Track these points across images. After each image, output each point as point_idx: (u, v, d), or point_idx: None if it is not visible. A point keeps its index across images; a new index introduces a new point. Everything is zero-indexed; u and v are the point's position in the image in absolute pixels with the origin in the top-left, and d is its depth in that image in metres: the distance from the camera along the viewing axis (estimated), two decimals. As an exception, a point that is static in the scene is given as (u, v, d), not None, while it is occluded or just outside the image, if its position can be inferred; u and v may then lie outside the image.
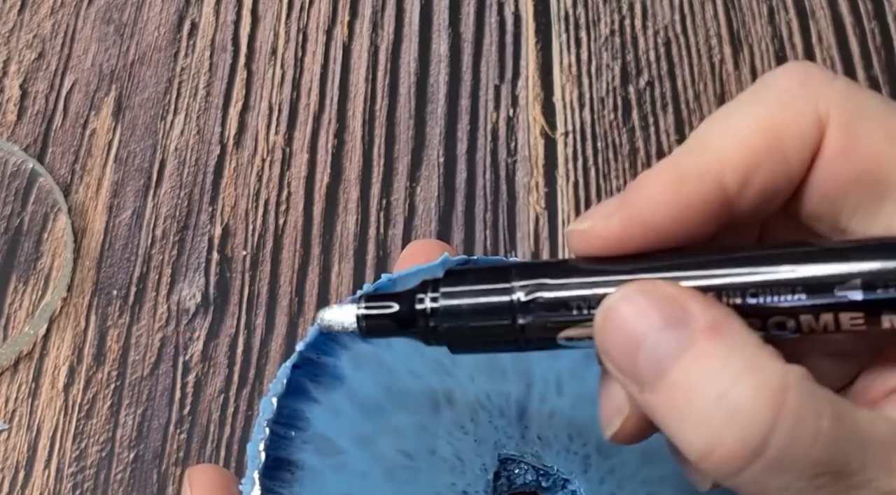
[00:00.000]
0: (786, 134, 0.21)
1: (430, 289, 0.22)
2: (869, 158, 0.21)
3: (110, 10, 0.55)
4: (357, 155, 0.50)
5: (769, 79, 0.22)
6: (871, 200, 0.21)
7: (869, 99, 0.22)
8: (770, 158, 0.21)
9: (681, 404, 0.19)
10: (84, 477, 0.42)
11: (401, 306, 0.22)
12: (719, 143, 0.22)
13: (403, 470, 0.26)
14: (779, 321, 0.20)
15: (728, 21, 0.54)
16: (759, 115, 0.22)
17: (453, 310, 0.22)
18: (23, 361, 0.45)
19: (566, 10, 0.54)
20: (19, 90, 0.52)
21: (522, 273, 0.22)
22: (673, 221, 0.21)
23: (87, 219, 0.48)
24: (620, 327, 0.20)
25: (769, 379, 0.19)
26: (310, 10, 0.55)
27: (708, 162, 0.21)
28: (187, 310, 0.46)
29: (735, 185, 0.21)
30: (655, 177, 0.22)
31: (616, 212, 0.21)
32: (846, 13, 0.54)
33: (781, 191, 0.22)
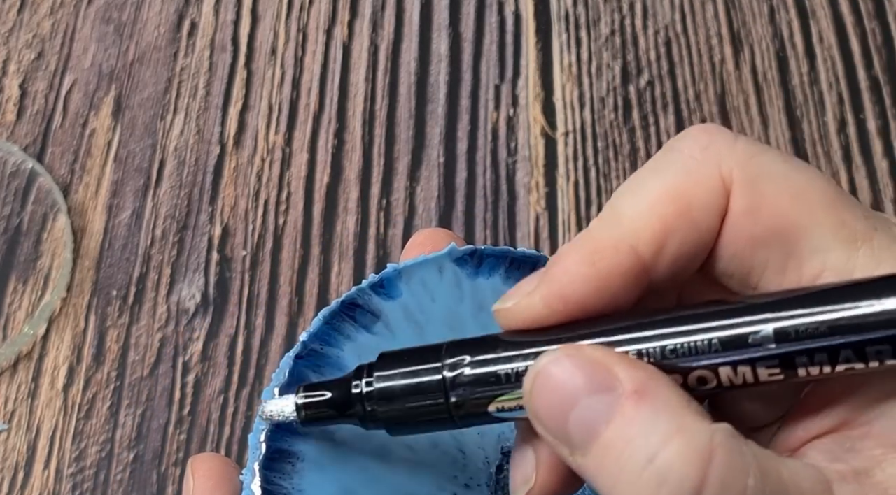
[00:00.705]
0: (693, 200, 0.22)
1: (364, 373, 0.23)
2: (773, 217, 0.22)
3: (110, 10, 0.54)
4: (357, 155, 0.50)
5: (675, 144, 0.23)
6: (779, 257, 0.22)
7: (771, 158, 0.22)
8: (681, 225, 0.22)
9: (612, 468, 0.20)
10: (83, 478, 0.42)
11: (337, 392, 0.23)
12: (631, 214, 0.22)
13: (405, 463, 0.26)
14: (700, 376, 0.21)
15: (728, 21, 0.54)
16: (667, 184, 0.22)
17: (387, 393, 0.23)
18: (22, 361, 0.45)
19: (566, 10, 0.54)
20: (19, 90, 0.52)
21: (453, 350, 0.22)
22: (592, 293, 0.22)
23: (86, 218, 0.48)
24: (550, 390, 0.21)
25: (695, 441, 0.19)
26: (310, 10, 0.55)
27: (621, 233, 0.22)
28: (187, 310, 0.46)
29: (650, 254, 0.22)
30: (572, 252, 0.22)
31: (537, 290, 0.22)
32: (847, 13, 0.54)
33: (695, 254, 0.23)
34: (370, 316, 0.26)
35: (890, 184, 0.49)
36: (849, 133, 0.50)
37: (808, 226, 0.22)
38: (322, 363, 0.26)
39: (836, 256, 0.22)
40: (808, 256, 0.22)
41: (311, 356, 0.25)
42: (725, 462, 0.19)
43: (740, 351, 0.21)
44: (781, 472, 0.20)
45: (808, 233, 0.22)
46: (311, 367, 0.25)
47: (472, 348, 0.23)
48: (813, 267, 0.22)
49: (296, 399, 0.24)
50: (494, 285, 0.28)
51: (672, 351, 0.21)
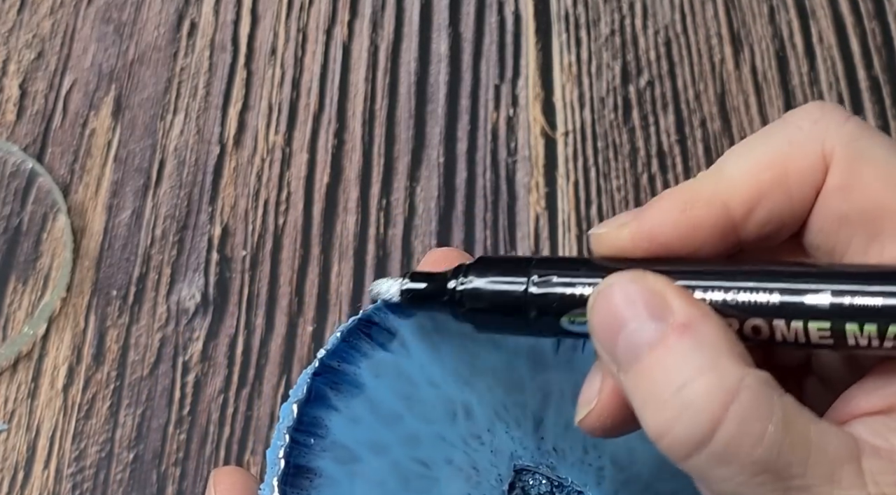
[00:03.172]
0: (791, 170, 0.23)
1: (462, 272, 0.25)
2: (864, 199, 0.23)
3: (110, 10, 0.54)
4: (357, 155, 0.50)
5: (789, 115, 0.24)
6: (863, 238, 0.23)
7: (876, 142, 0.23)
8: (775, 192, 0.23)
9: (645, 389, 0.21)
10: (83, 478, 0.42)
11: (436, 285, 0.26)
12: (732, 172, 0.24)
13: (420, 479, 0.26)
14: (755, 326, 0.22)
15: (728, 20, 0.54)
16: (771, 150, 0.23)
17: (476, 292, 0.25)
18: (22, 361, 0.45)
19: (566, 10, 0.54)
20: (18, 90, 0.52)
21: (540, 264, 0.24)
22: (678, 238, 0.24)
23: (86, 218, 0.48)
24: (608, 310, 0.22)
25: (724, 380, 0.20)
26: (309, 10, 0.55)
27: (717, 189, 0.23)
28: (187, 310, 0.46)
29: (741, 213, 0.23)
30: (669, 196, 0.24)
31: (628, 224, 0.24)
32: (847, 13, 0.54)
33: (786, 222, 0.24)
34: (386, 333, 0.27)
35: (890, 184, 0.49)
36: (849, 133, 0.50)
37: None
38: (339, 380, 0.26)
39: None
40: (889, 241, 0.23)
41: (329, 373, 0.26)
42: (748, 405, 0.20)
43: (797, 308, 0.22)
44: (810, 431, 0.21)
45: (894, 219, 0.22)
46: (328, 384, 0.26)
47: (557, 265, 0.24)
48: (893, 251, 0.22)
49: (401, 285, 0.26)
50: None
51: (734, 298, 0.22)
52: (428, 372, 0.27)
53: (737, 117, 0.51)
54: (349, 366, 0.26)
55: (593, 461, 0.28)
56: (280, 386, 0.44)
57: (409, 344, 0.27)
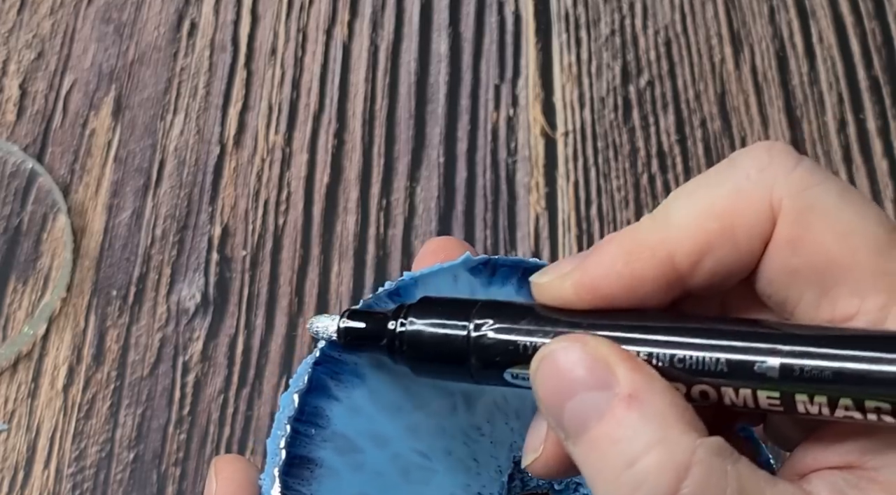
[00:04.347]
0: (738, 221, 0.22)
1: (402, 313, 0.24)
2: (814, 253, 0.22)
3: (110, 10, 0.54)
4: (357, 155, 0.50)
5: (736, 158, 0.23)
6: (815, 293, 0.22)
7: (826, 190, 0.22)
8: (722, 243, 0.22)
9: (596, 463, 0.21)
10: (83, 478, 0.42)
11: (375, 325, 0.25)
12: (677, 221, 0.23)
13: (420, 471, 0.26)
14: (703, 391, 0.21)
15: (728, 20, 0.54)
16: (718, 199, 0.23)
17: (416, 337, 0.24)
18: (22, 361, 0.45)
19: (566, 10, 0.54)
20: (19, 90, 0.52)
21: (483, 310, 0.24)
22: (622, 290, 0.23)
23: (86, 218, 0.48)
24: (553, 375, 0.22)
25: (676, 454, 0.20)
26: (310, 10, 0.55)
27: (663, 239, 0.23)
28: (187, 310, 0.46)
29: (686, 265, 0.22)
30: (612, 244, 0.23)
31: (570, 275, 0.23)
32: (847, 13, 0.54)
33: (734, 272, 0.23)
34: None
35: (890, 184, 0.49)
36: (849, 133, 0.50)
37: (849, 268, 0.22)
38: (340, 370, 0.26)
39: (871, 303, 0.21)
40: (843, 297, 0.22)
41: (329, 362, 0.26)
42: (701, 479, 0.20)
43: (745, 375, 0.21)
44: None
45: (846, 275, 0.22)
46: (328, 374, 0.26)
47: (500, 312, 0.23)
48: (846, 308, 0.22)
49: (339, 322, 0.25)
50: (508, 294, 0.28)
51: (680, 360, 0.21)
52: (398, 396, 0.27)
53: (737, 117, 0.51)
54: (350, 356, 0.26)
55: None
56: (280, 386, 0.44)
57: None
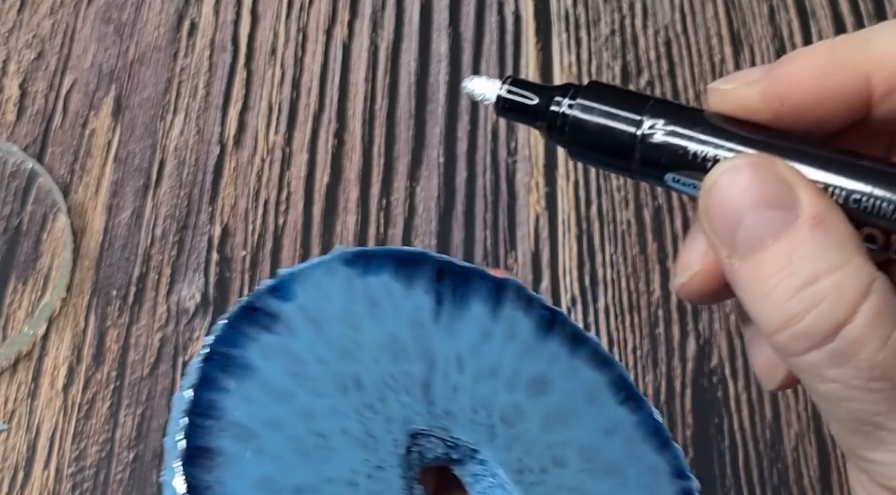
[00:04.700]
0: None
1: (569, 94, 0.24)
2: None
3: (110, 10, 0.54)
4: (357, 155, 0.50)
5: None
6: None
7: None
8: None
9: (767, 279, 0.20)
10: (83, 478, 0.42)
11: (540, 100, 0.24)
12: (881, 46, 0.22)
13: (318, 450, 0.27)
14: (870, 233, 0.21)
15: (728, 21, 0.54)
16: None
17: (582, 123, 0.23)
18: (22, 361, 0.45)
19: (566, 10, 0.54)
20: (18, 90, 0.52)
21: (656, 108, 0.23)
22: (812, 104, 0.22)
23: (86, 218, 0.48)
24: (730, 193, 0.21)
25: (857, 279, 0.20)
26: (310, 10, 0.55)
27: (863, 58, 0.22)
28: (187, 309, 0.46)
29: (881, 90, 0.22)
30: (808, 56, 0.22)
31: (759, 82, 0.22)
32: (847, 13, 0.54)
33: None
34: (269, 317, 0.28)
35: (890, 184, 0.49)
36: (849, 133, 0.50)
37: None
38: (229, 364, 0.27)
39: None
40: None
41: (218, 358, 0.27)
42: (878, 307, 0.20)
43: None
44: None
45: None
46: (218, 368, 0.26)
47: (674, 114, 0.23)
48: None
49: (499, 90, 0.24)
50: (384, 282, 0.29)
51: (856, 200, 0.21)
52: (315, 351, 0.28)
53: (737, 117, 0.51)
54: (238, 350, 0.27)
55: (484, 420, 0.29)
56: (280, 386, 0.44)
57: (293, 325, 0.28)
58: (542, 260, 0.47)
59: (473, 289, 0.30)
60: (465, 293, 0.30)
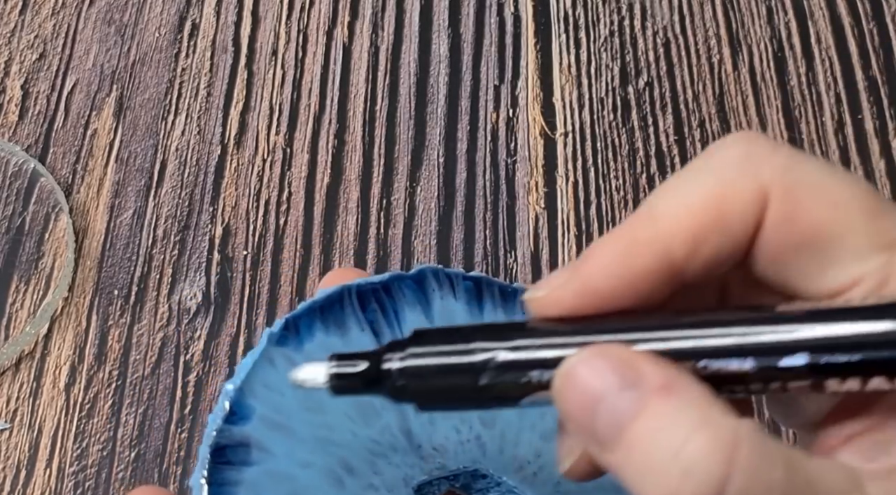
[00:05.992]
0: (729, 208, 0.22)
1: (397, 349, 0.23)
2: (810, 226, 0.22)
3: (111, 11, 0.55)
4: (357, 155, 0.50)
5: (715, 150, 0.23)
6: (817, 265, 0.22)
7: (810, 167, 0.22)
8: (715, 231, 0.22)
9: (639, 462, 0.20)
10: (85, 476, 0.42)
11: (369, 365, 0.23)
12: (668, 215, 0.23)
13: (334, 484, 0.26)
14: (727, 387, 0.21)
15: (727, 22, 0.54)
16: (705, 188, 0.23)
17: (418, 371, 0.23)
18: (24, 361, 0.45)
19: (566, 11, 0.54)
20: (21, 91, 0.52)
21: (485, 333, 0.23)
22: (624, 289, 0.22)
23: (88, 219, 0.48)
24: (579, 390, 0.21)
25: (721, 434, 0.20)
26: (310, 11, 0.55)
27: (656, 233, 0.23)
28: (188, 309, 0.46)
29: (682, 256, 0.22)
30: (606, 247, 0.23)
31: (569, 283, 0.23)
32: (845, 14, 0.54)
33: (728, 259, 0.23)
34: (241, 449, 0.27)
35: (888, 183, 0.49)
36: (846, 133, 0.50)
37: (844, 236, 0.22)
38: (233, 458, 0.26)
39: (873, 263, 0.22)
40: (845, 264, 0.22)
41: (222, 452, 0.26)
42: (751, 454, 0.19)
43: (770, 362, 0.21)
44: (809, 469, 0.20)
45: (844, 242, 0.22)
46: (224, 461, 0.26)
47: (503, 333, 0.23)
48: (850, 274, 0.22)
49: (327, 368, 0.24)
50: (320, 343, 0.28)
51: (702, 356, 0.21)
52: (296, 458, 0.27)
53: (735, 118, 0.51)
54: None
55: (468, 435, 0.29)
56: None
57: (264, 443, 0.27)
58: (542, 260, 0.47)
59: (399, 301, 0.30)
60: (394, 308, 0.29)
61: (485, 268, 0.47)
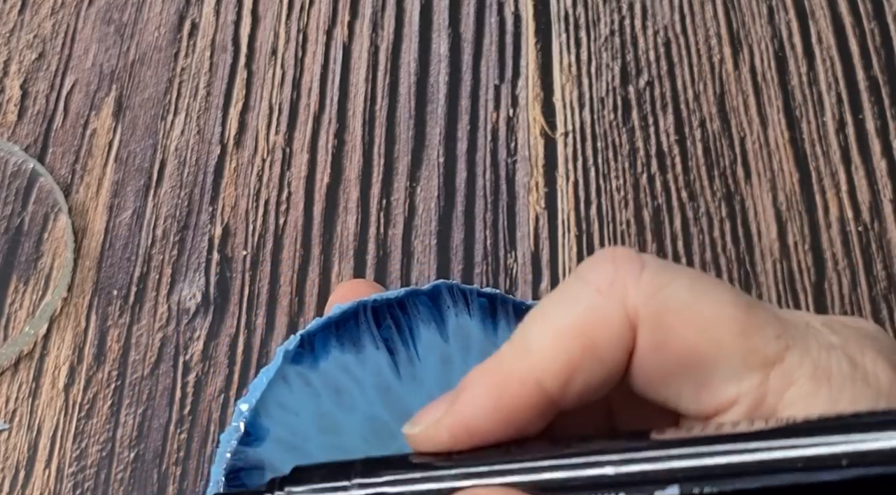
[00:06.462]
0: (599, 337, 0.22)
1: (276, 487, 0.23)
2: (681, 353, 0.22)
3: (111, 11, 0.55)
4: (357, 155, 0.50)
5: (583, 273, 0.23)
6: (692, 388, 0.22)
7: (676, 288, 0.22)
8: (587, 362, 0.22)
9: None
10: (84, 477, 0.42)
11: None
12: (538, 347, 0.23)
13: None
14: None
15: (728, 21, 0.54)
16: (573, 318, 0.22)
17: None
18: (23, 361, 0.45)
19: (566, 10, 0.54)
20: (20, 90, 0.52)
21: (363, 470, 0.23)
22: (499, 425, 0.22)
23: (87, 219, 0.48)
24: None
25: None
26: (310, 11, 0.55)
27: (528, 367, 0.22)
28: (187, 309, 0.46)
29: (556, 389, 0.22)
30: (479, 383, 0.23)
31: (443, 420, 0.23)
32: (846, 13, 0.54)
33: (604, 385, 0.23)
34: (255, 472, 0.26)
35: (889, 184, 0.49)
36: (848, 133, 0.50)
37: (717, 358, 0.22)
38: None
39: (748, 383, 0.22)
40: (720, 386, 0.22)
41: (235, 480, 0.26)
42: None
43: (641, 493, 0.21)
44: None
45: (717, 365, 0.22)
46: None
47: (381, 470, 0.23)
48: (727, 394, 0.22)
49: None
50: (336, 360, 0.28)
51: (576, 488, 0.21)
52: None
53: (736, 118, 0.51)
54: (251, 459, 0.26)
55: None
56: (280, 385, 0.44)
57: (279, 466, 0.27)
58: (542, 260, 0.47)
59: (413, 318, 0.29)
60: (409, 325, 0.29)
61: (485, 268, 0.47)
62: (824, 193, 0.48)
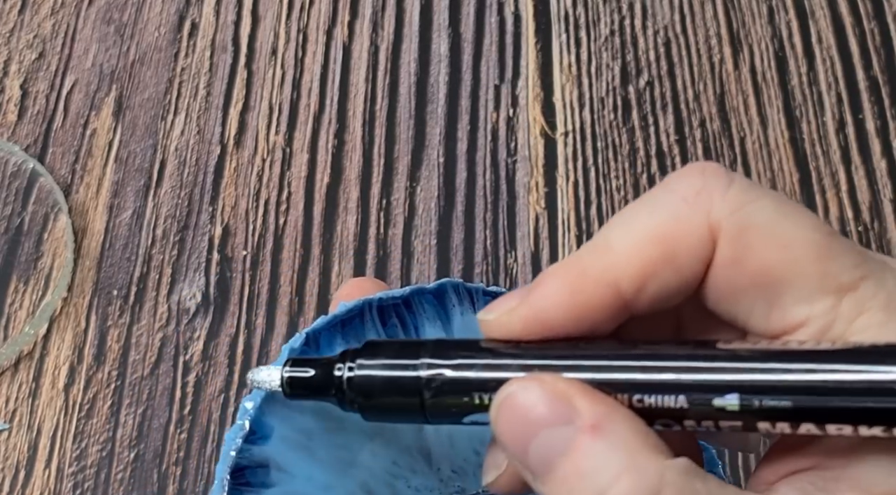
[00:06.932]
0: (679, 246, 0.23)
1: (347, 359, 0.24)
2: (757, 268, 0.22)
3: (111, 11, 0.55)
4: (357, 155, 0.50)
5: (670, 182, 0.23)
6: (763, 306, 0.22)
7: (762, 206, 0.22)
8: (664, 269, 0.23)
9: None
10: (84, 477, 0.42)
11: (320, 373, 0.24)
12: (618, 248, 0.23)
13: None
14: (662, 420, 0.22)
15: (728, 21, 0.54)
16: (656, 225, 0.23)
17: (366, 383, 0.23)
18: (23, 361, 0.45)
19: (566, 10, 0.54)
20: (20, 90, 0.52)
21: (433, 350, 0.23)
22: (570, 321, 0.23)
23: (87, 219, 0.48)
24: (514, 420, 0.22)
25: (645, 479, 0.20)
26: (310, 11, 0.55)
27: (605, 267, 0.23)
28: (187, 309, 0.46)
29: (631, 291, 0.23)
30: (556, 277, 0.23)
31: (517, 309, 0.23)
32: (846, 13, 0.54)
33: (677, 295, 0.23)
34: (260, 470, 0.26)
35: (889, 183, 0.49)
36: (847, 133, 0.50)
37: (792, 279, 0.22)
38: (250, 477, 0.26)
39: (820, 307, 0.22)
40: (791, 306, 0.22)
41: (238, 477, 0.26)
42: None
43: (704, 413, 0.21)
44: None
45: (791, 285, 0.22)
46: None
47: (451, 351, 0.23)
48: (797, 316, 0.22)
49: (282, 372, 0.24)
50: None
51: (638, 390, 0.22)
52: (317, 481, 0.27)
53: (736, 117, 0.51)
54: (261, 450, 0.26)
55: None
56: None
57: (284, 464, 0.27)
58: (542, 260, 0.47)
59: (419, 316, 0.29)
60: (414, 323, 0.29)
61: (485, 268, 0.47)
62: (824, 193, 0.48)
